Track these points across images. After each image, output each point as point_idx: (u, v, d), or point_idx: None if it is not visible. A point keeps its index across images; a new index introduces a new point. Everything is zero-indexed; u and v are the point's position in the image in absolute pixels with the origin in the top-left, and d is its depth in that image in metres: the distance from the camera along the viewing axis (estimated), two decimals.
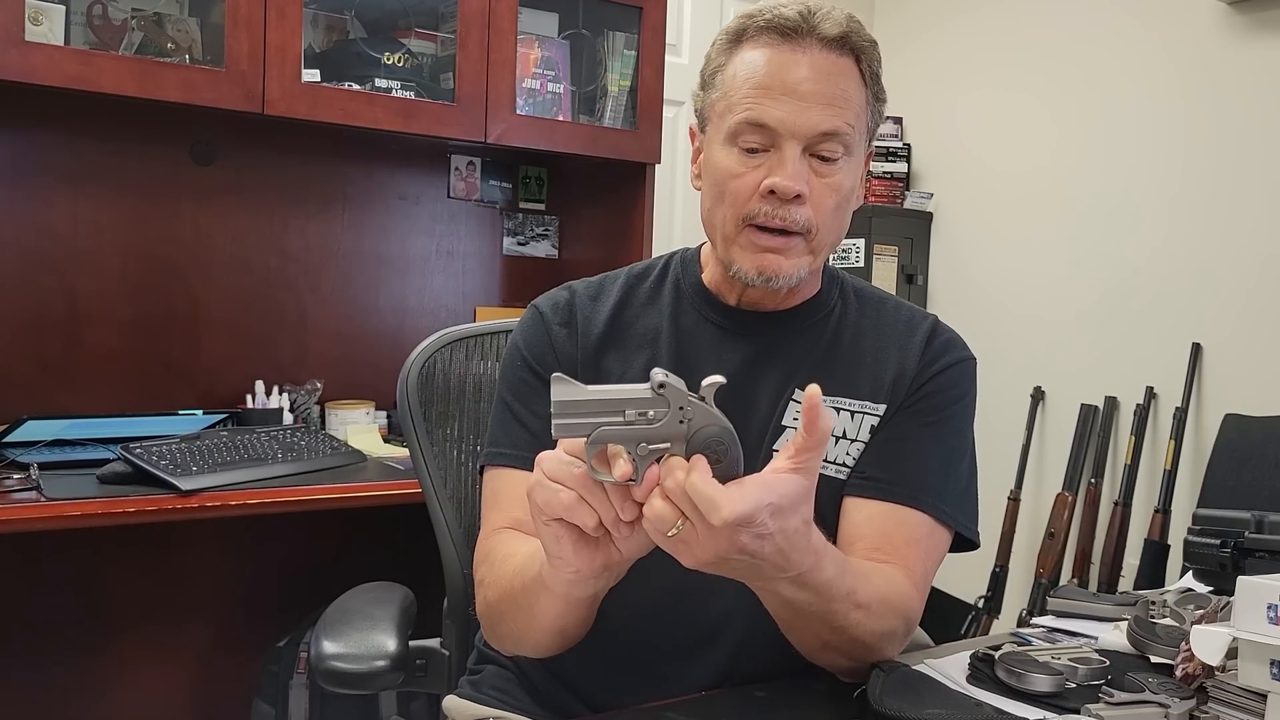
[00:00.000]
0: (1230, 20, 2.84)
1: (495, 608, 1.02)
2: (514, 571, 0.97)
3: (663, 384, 0.77)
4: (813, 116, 1.01)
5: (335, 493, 1.91)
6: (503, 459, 1.10)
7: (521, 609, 0.96)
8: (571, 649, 1.09)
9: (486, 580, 1.04)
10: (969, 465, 1.13)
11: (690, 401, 0.78)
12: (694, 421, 0.77)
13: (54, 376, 2.17)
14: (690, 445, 0.78)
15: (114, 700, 2.23)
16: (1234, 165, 2.84)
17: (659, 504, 0.77)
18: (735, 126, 1.03)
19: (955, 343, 1.15)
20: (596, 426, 0.77)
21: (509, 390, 1.13)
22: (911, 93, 3.63)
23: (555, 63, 2.47)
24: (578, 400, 0.77)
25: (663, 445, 0.78)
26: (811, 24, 1.02)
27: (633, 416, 0.77)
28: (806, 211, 1.03)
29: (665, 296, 1.16)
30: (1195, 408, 2.90)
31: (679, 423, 0.77)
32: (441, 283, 2.64)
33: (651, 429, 0.77)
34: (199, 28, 2.13)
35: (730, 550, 0.78)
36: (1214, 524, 1.22)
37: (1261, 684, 0.86)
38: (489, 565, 1.04)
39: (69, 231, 2.19)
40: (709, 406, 0.78)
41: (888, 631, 0.98)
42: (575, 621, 0.96)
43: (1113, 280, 3.10)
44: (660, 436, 0.77)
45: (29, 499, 1.68)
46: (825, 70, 1.02)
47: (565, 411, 0.77)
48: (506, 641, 1.04)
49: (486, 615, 1.05)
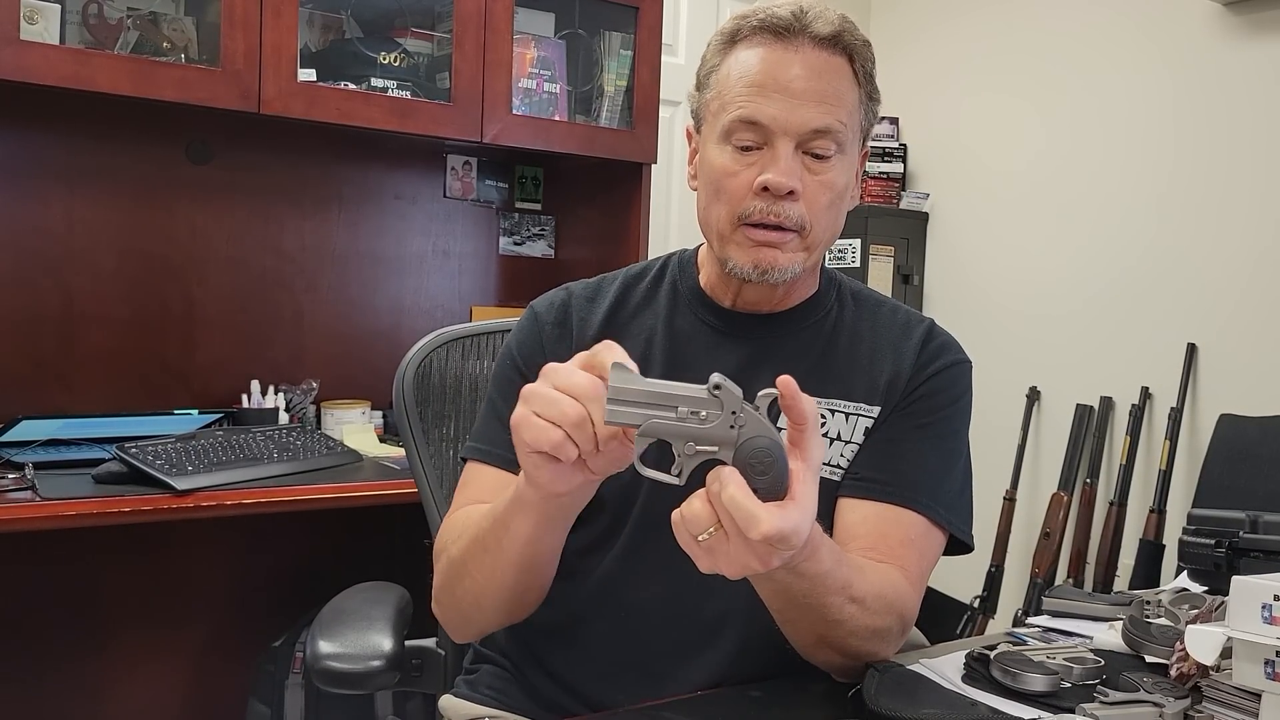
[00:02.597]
0: (1225, 21, 2.85)
1: (458, 562, 1.02)
2: (483, 515, 0.98)
3: (719, 385, 0.77)
4: (805, 114, 1.02)
5: (331, 492, 1.91)
6: (480, 455, 1.11)
7: (489, 550, 0.97)
8: (570, 648, 1.10)
9: (450, 541, 1.05)
10: (964, 468, 1.13)
11: (745, 408, 0.77)
12: (745, 430, 0.77)
13: (49, 376, 2.17)
14: (738, 453, 0.77)
15: (109, 700, 2.23)
16: (1228, 165, 2.84)
17: (698, 505, 0.77)
18: (729, 125, 1.04)
19: (951, 345, 1.16)
20: (648, 418, 0.77)
21: (496, 389, 1.15)
22: (907, 93, 3.63)
23: (551, 62, 2.47)
24: (633, 389, 0.77)
25: (710, 448, 0.77)
26: (804, 23, 1.03)
27: (685, 414, 0.77)
28: (799, 208, 1.03)
29: (661, 298, 1.16)
30: (1190, 408, 2.90)
31: (730, 428, 0.77)
32: (438, 282, 2.64)
33: (702, 429, 0.77)
34: (195, 27, 2.13)
35: (759, 566, 0.78)
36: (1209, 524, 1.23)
37: (1256, 683, 0.86)
38: (453, 530, 1.05)
39: (64, 231, 2.18)
40: (762, 417, 0.78)
41: (883, 628, 0.98)
42: (542, 557, 0.97)
43: (1108, 280, 3.10)
44: (710, 439, 0.77)
45: (24, 499, 1.68)
46: (818, 69, 1.03)
47: (620, 398, 0.77)
48: (465, 602, 1.04)
49: (447, 577, 1.05)
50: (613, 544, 1.09)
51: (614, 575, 1.08)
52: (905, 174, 3.66)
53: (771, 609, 0.95)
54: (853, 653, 0.97)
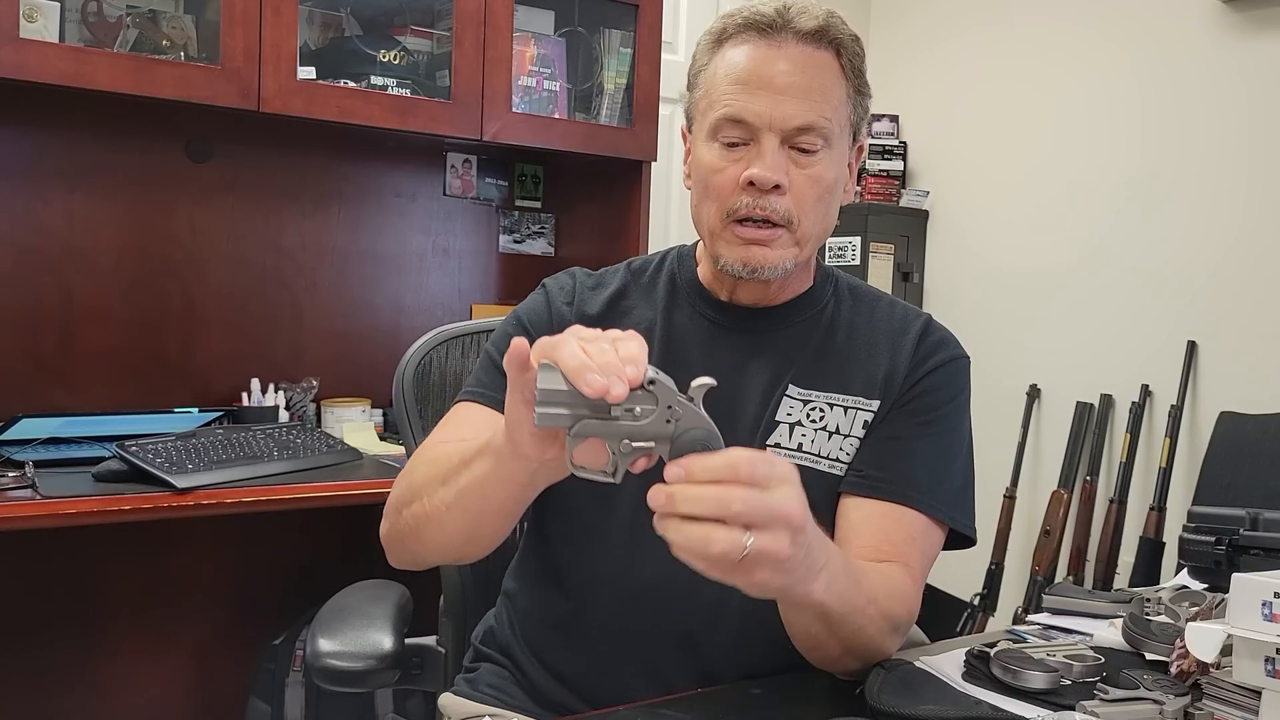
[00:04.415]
0: (1225, 18, 2.85)
1: (415, 487, 1.00)
2: (452, 450, 0.96)
3: (653, 380, 0.75)
4: (789, 109, 1.03)
5: (331, 490, 1.91)
6: (474, 396, 1.10)
7: (445, 484, 0.95)
8: (569, 646, 1.10)
9: (414, 466, 1.03)
10: (964, 462, 1.13)
11: (679, 401, 0.76)
12: (681, 422, 0.75)
13: (49, 374, 2.17)
14: (675, 446, 0.75)
15: (110, 698, 2.23)
16: (1229, 163, 2.84)
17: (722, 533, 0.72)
18: (716, 122, 1.05)
19: (948, 341, 1.16)
20: (580, 419, 0.75)
21: (495, 346, 1.14)
22: (908, 91, 3.63)
23: (551, 60, 2.47)
24: (563, 390, 0.74)
25: (647, 444, 0.76)
26: (788, 19, 1.04)
27: (619, 412, 0.75)
28: (786, 202, 1.04)
29: (660, 291, 1.17)
30: (1190, 405, 2.90)
31: (665, 422, 0.75)
32: (437, 280, 2.64)
33: (637, 426, 0.75)
34: (194, 25, 2.13)
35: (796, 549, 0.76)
36: (1209, 521, 1.23)
37: (1256, 680, 0.86)
38: (421, 457, 1.03)
39: (64, 229, 2.18)
40: (697, 408, 0.76)
41: (891, 628, 0.99)
42: (492, 509, 0.93)
43: (1108, 277, 3.10)
44: (645, 435, 0.75)
45: (24, 497, 1.68)
46: (802, 64, 1.04)
47: (549, 400, 0.74)
48: (406, 525, 1.01)
49: (399, 496, 1.03)
50: (609, 539, 1.09)
51: (612, 571, 1.08)
52: (905, 171, 3.66)
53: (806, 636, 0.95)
54: (867, 655, 0.98)
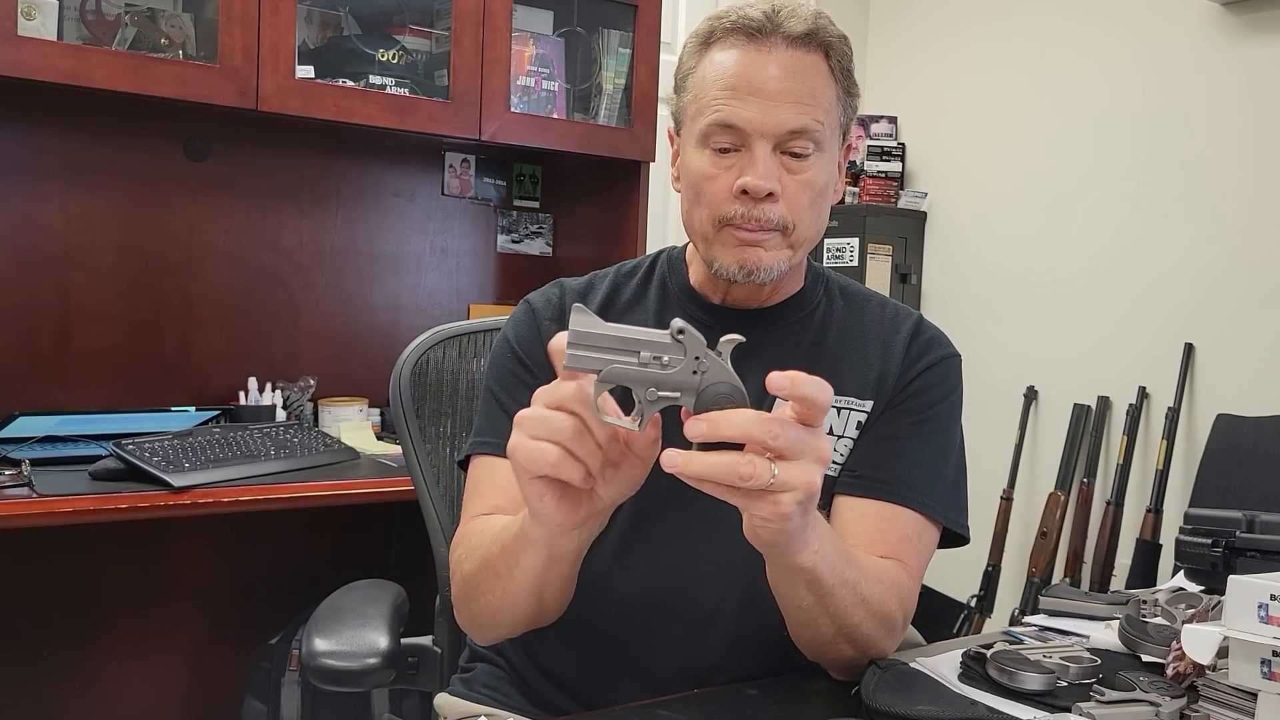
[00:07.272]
0: (1224, 21, 2.85)
1: (471, 581, 1.01)
2: (493, 538, 0.97)
3: (683, 330, 0.76)
4: (780, 115, 1.02)
5: (328, 490, 1.91)
6: (487, 448, 1.10)
7: (500, 576, 0.95)
8: (564, 646, 1.09)
9: (463, 557, 1.04)
10: (957, 461, 1.14)
11: (707, 354, 0.76)
12: (708, 375, 0.76)
13: (46, 372, 2.17)
14: (700, 399, 0.76)
15: (106, 697, 2.23)
16: (1227, 166, 2.84)
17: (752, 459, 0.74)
18: (706, 128, 1.04)
19: (939, 340, 1.16)
20: (609, 363, 0.76)
21: (496, 381, 1.14)
22: (906, 92, 3.63)
23: (550, 60, 2.47)
24: (595, 334, 0.75)
25: (673, 394, 0.76)
26: (777, 23, 1.03)
27: (647, 359, 0.76)
28: (780, 209, 1.03)
29: (651, 295, 1.16)
30: (1187, 407, 2.91)
31: (692, 373, 0.76)
32: (435, 280, 2.64)
33: (664, 375, 0.76)
34: (193, 23, 2.13)
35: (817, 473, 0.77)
36: (1205, 523, 1.23)
37: (1252, 683, 0.86)
38: (466, 545, 1.04)
39: (62, 227, 2.18)
40: (725, 363, 0.77)
41: (890, 618, 0.99)
42: (555, 583, 0.95)
43: (1106, 280, 3.10)
44: (672, 384, 0.76)
45: (21, 495, 1.68)
46: (792, 68, 1.03)
47: (581, 343, 0.75)
48: (482, 617, 1.03)
49: (463, 592, 1.04)
50: (605, 540, 1.09)
51: (607, 571, 1.08)
52: (903, 173, 3.66)
53: (798, 610, 0.94)
54: (864, 644, 0.98)
